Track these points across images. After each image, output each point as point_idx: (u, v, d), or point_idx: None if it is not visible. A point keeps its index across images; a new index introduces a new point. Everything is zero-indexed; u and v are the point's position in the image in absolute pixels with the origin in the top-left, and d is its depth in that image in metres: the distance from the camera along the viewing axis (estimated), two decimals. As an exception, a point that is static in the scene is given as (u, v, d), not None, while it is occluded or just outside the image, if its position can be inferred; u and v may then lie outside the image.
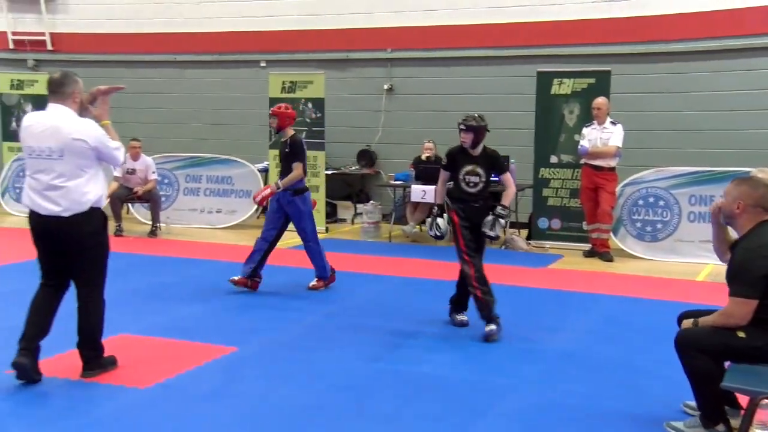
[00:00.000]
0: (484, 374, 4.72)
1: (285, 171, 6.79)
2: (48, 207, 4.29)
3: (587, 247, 8.84)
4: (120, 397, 4.22)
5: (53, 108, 4.41)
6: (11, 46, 13.08)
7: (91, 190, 4.36)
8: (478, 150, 5.58)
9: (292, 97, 10.38)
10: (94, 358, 4.57)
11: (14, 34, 13.05)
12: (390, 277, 7.50)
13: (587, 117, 8.83)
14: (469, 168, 5.53)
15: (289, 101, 10.37)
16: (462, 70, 11.06)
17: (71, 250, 4.39)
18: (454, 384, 4.54)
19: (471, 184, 5.55)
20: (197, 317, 5.90)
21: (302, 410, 4.11)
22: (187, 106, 12.43)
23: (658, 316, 5.91)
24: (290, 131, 6.84)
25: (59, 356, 4.86)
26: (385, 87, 11.39)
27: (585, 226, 8.93)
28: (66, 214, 4.28)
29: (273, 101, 10.49)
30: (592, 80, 9.08)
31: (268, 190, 6.90)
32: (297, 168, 6.70)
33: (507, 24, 10.73)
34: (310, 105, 10.33)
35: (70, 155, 4.29)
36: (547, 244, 9.28)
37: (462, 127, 5.50)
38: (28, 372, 4.33)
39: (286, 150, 6.78)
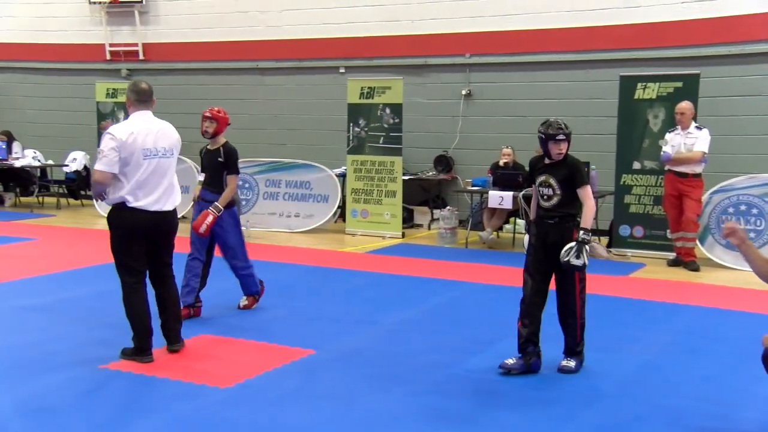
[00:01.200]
0: (561, 384, 4.62)
1: (215, 182, 6.01)
2: (166, 204, 4.89)
3: (671, 256, 8.55)
4: (202, 396, 4.33)
5: (147, 114, 4.95)
6: (108, 57, 13.68)
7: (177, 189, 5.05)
8: (556, 158, 4.87)
9: (370, 103, 10.48)
10: (179, 329, 5.09)
11: (111, 45, 13.65)
12: (466, 284, 7.44)
13: (673, 122, 8.56)
14: (542, 178, 4.85)
15: (367, 107, 10.51)
16: (541, 75, 10.90)
17: (168, 239, 5.03)
18: (530, 393, 4.46)
19: (545, 197, 4.82)
20: (276, 319, 6.01)
21: (379, 414, 4.13)
22: (268, 111, 12.70)
23: (747, 329, 5.66)
24: (222, 138, 6.17)
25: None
26: (463, 92, 11.34)
27: (669, 234, 8.65)
28: (169, 208, 4.93)
29: (352, 107, 10.65)
30: (679, 84, 8.78)
31: (210, 217, 5.90)
32: (232, 181, 6.03)
33: (588, 28, 10.52)
34: (387, 110, 10.39)
35: (174, 155, 4.97)
36: (629, 252, 9.03)
37: (561, 137, 4.77)
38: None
39: (220, 159, 5.98)
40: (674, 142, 8.33)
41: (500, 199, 9.19)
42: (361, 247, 9.60)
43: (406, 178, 10.83)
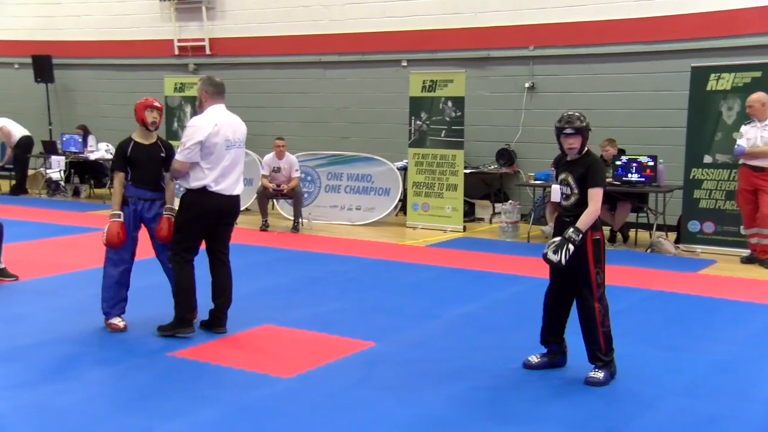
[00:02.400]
0: (627, 382, 4.51)
1: (155, 179, 5.47)
2: (237, 189, 5.30)
3: (745, 252, 8.25)
4: (265, 386, 4.40)
5: (223, 107, 5.31)
6: (176, 52, 14.02)
7: None
8: (575, 155, 4.61)
9: (432, 96, 10.43)
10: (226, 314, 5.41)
11: (179, 41, 13.98)
12: (528, 278, 7.34)
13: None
14: (562, 176, 4.63)
15: (429, 100, 10.48)
16: (607, 67, 10.65)
17: (232, 222, 5.44)
18: (593, 390, 4.38)
19: (563, 196, 4.60)
20: (337, 311, 6.05)
21: (438, 409, 4.11)
22: (330, 105, 12.79)
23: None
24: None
25: (211, 343, 5.16)
26: (527, 85, 11.18)
27: (743, 230, 8.35)
28: (240, 192, 5.37)
29: (414, 100, 10.62)
30: (757, 74, 8.42)
31: (166, 223, 5.36)
32: (168, 178, 5.61)
33: (657, 17, 10.22)
34: (449, 103, 10.33)
35: (243, 145, 5.41)
36: (699, 248, 8.76)
37: (568, 130, 4.52)
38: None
39: (162, 154, 5.48)
40: (750, 135, 8.02)
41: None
42: (422, 240, 9.58)
43: (468, 171, 10.75)
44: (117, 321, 5.43)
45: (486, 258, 8.39)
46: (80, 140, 13.11)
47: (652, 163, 8.83)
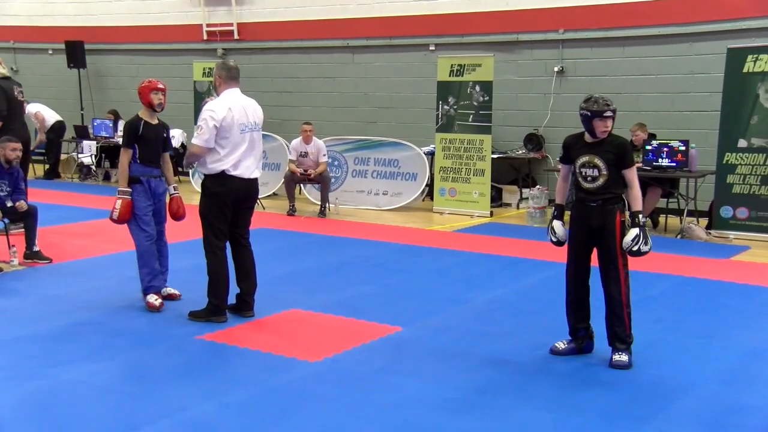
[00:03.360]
0: (659, 369, 4.46)
1: (159, 158, 5.70)
2: (255, 172, 5.30)
3: (780, 239, 8.11)
4: (292, 369, 4.43)
5: (237, 91, 5.29)
6: (205, 37, 14.08)
7: None
8: (601, 137, 4.54)
9: (460, 80, 10.35)
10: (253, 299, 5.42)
11: (208, 26, 14.03)
12: (557, 264, 7.25)
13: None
14: (585, 159, 4.54)
15: (456, 84, 10.40)
16: (638, 50, 10.47)
17: (252, 205, 5.44)
18: (625, 377, 4.34)
19: (588, 178, 4.53)
20: (364, 296, 6.06)
21: (466, 393, 4.11)
22: (358, 89, 12.76)
23: None
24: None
25: (239, 327, 5.21)
26: (556, 69, 11.04)
27: (777, 216, 8.19)
28: (258, 175, 5.36)
29: (441, 84, 10.56)
30: None
31: (179, 202, 5.80)
32: (168, 158, 5.87)
33: (691, -2, 10.02)
34: (477, 88, 10.24)
35: (260, 128, 5.36)
36: (731, 234, 8.61)
37: (608, 113, 4.47)
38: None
39: (165, 135, 5.74)
40: (787, 118, 7.85)
41: (593, 178, 8.93)
42: (449, 225, 9.55)
43: (495, 156, 10.67)
44: (154, 299, 5.56)
45: (514, 243, 8.33)
46: (111, 125, 13.25)
47: (683, 148, 8.69)
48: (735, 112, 8.63)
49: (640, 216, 4.44)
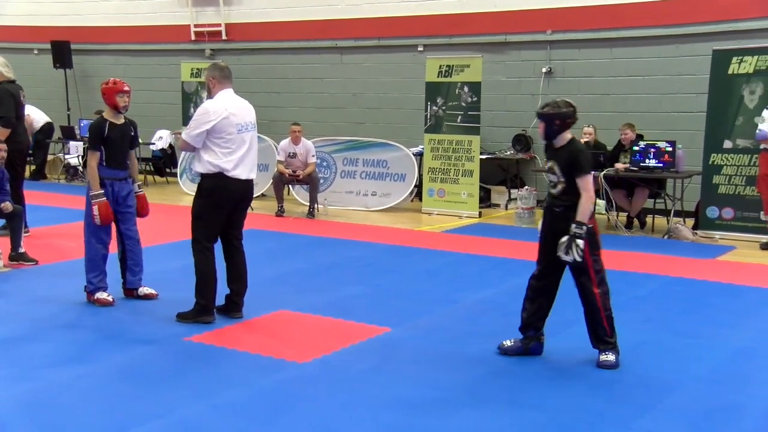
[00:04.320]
0: (647, 368, 4.49)
1: (125, 158, 5.70)
2: (252, 173, 5.27)
3: (765, 238, 8.17)
4: (281, 370, 4.42)
5: (231, 92, 5.25)
6: (193, 37, 14.03)
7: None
8: (560, 143, 4.56)
9: (449, 81, 10.37)
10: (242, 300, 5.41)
11: (196, 26, 13.97)
12: (545, 265, 7.31)
13: (771, 98, 8.13)
14: (549, 164, 4.61)
15: (445, 85, 10.41)
16: (626, 51, 10.53)
17: (246, 207, 5.41)
18: (613, 376, 4.36)
19: (551, 183, 4.60)
20: (353, 297, 6.05)
21: (455, 393, 4.11)
22: (346, 90, 12.75)
23: None
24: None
25: (228, 328, 5.19)
26: (544, 70, 11.08)
27: (763, 216, 8.26)
28: (254, 176, 5.31)
29: (430, 85, 10.57)
30: None
31: (145, 199, 5.88)
32: (133, 155, 5.88)
33: (677, 0, 10.08)
34: (466, 89, 10.26)
35: (254, 128, 5.31)
36: (717, 234, 8.68)
37: (540, 114, 4.56)
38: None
39: (132, 133, 5.73)
40: (773, 119, 7.91)
41: (581, 179, 8.97)
42: (437, 226, 9.56)
43: (484, 157, 10.70)
44: (106, 295, 5.63)
45: (502, 244, 8.36)
46: (98, 126, 13.15)
47: (670, 149, 8.74)
48: (720, 113, 8.70)
49: (574, 226, 4.36)
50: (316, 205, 10.29)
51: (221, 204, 5.20)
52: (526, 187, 10.36)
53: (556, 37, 11.00)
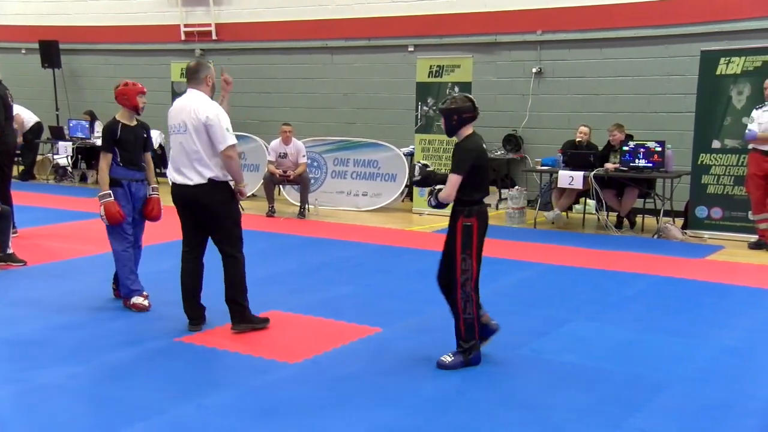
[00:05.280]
0: (636, 367, 4.51)
1: (140, 159, 5.71)
2: (178, 177, 4.95)
3: (753, 238, 8.22)
4: (272, 371, 4.41)
5: (190, 91, 5.04)
6: (182, 37, 13.99)
7: (213, 163, 4.90)
8: (459, 139, 4.53)
9: (439, 81, 10.38)
10: (234, 310, 5.05)
11: (186, 26, 13.94)
12: (535, 264, 7.34)
13: (760, 98, 8.17)
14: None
15: (435, 85, 10.42)
16: (615, 51, 10.58)
17: (201, 211, 4.98)
18: (603, 375, 4.37)
19: None
20: (344, 297, 6.05)
21: (444, 393, 4.12)
22: (337, 90, 12.75)
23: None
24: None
25: (218, 329, 5.17)
26: (534, 70, 11.11)
27: (751, 216, 8.31)
28: (185, 181, 4.94)
29: (420, 85, 10.58)
30: (767, 57, 8.36)
31: (157, 203, 5.81)
32: (149, 158, 5.86)
33: (666, 1, 10.14)
34: (456, 89, 10.27)
35: (190, 130, 4.88)
36: (706, 234, 8.72)
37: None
38: None
39: (145, 135, 5.75)
40: (762, 120, 7.95)
41: (570, 178, 9.01)
42: (428, 226, 9.57)
43: (475, 157, 10.69)
44: (141, 300, 5.54)
45: (492, 244, 8.29)
46: (87, 126, 13.12)
47: (659, 149, 8.78)
48: (709, 113, 8.75)
49: (437, 190, 4.45)
50: (306, 206, 10.27)
51: (177, 209, 5.08)
52: (517, 187, 10.39)
53: (546, 37, 11.04)
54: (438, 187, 4.51)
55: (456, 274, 4.44)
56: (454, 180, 4.37)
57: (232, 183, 5.08)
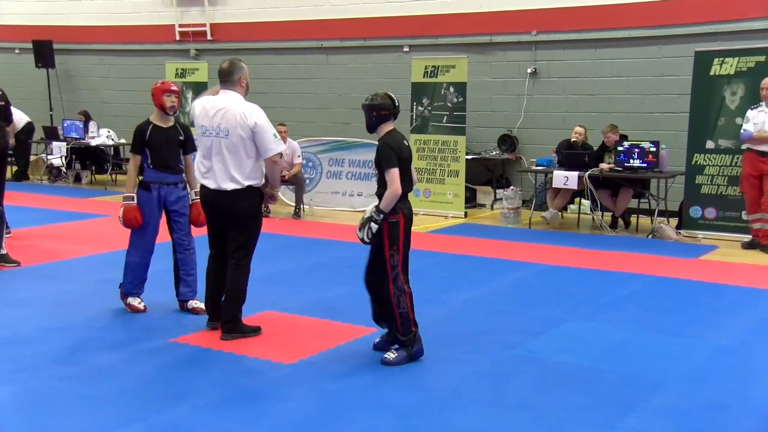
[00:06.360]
0: (632, 367, 4.52)
1: (175, 162, 5.47)
2: (214, 182, 4.79)
3: (747, 238, 8.24)
4: (267, 371, 4.41)
5: (225, 92, 4.86)
6: (177, 37, 13.95)
7: (251, 168, 4.79)
8: (380, 135, 4.58)
9: (434, 82, 10.39)
10: (226, 312, 4.94)
11: (180, 26, 13.90)
12: (531, 264, 7.35)
13: (753, 99, 8.19)
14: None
15: (431, 85, 10.43)
16: (610, 52, 10.59)
17: (227, 217, 4.87)
18: (598, 375, 4.38)
19: (377, 176, 4.60)
20: (339, 297, 6.05)
21: (440, 393, 4.12)
22: (332, 91, 12.73)
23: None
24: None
25: (213, 329, 5.16)
26: (529, 71, 11.12)
27: (745, 216, 8.33)
28: (222, 186, 4.78)
29: (416, 86, 10.58)
30: (761, 58, 8.37)
31: (197, 209, 5.40)
32: (189, 160, 5.56)
33: (660, 2, 10.16)
34: (451, 89, 10.28)
35: (235, 135, 4.73)
36: (700, 234, 8.75)
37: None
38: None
39: (181, 137, 5.49)
40: (757, 120, 7.97)
41: (565, 179, 9.03)
42: (423, 226, 9.57)
43: (470, 157, 10.72)
44: (137, 302, 5.50)
45: (488, 244, 8.38)
46: (81, 126, 13.07)
47: (654, 149, 8.81)
48: (703, 114, 8.77)
49: (373, 209, 4.42)
50: (302, 206, 10.26)
51: (205, 212, 5.03)
52: (512, 187, 10.40)
53: (541, 37, 11.05)
54: (370, 207, 4.48)
55: (386, 270, 4.49)
56: (393, 174, 4.40)
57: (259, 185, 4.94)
